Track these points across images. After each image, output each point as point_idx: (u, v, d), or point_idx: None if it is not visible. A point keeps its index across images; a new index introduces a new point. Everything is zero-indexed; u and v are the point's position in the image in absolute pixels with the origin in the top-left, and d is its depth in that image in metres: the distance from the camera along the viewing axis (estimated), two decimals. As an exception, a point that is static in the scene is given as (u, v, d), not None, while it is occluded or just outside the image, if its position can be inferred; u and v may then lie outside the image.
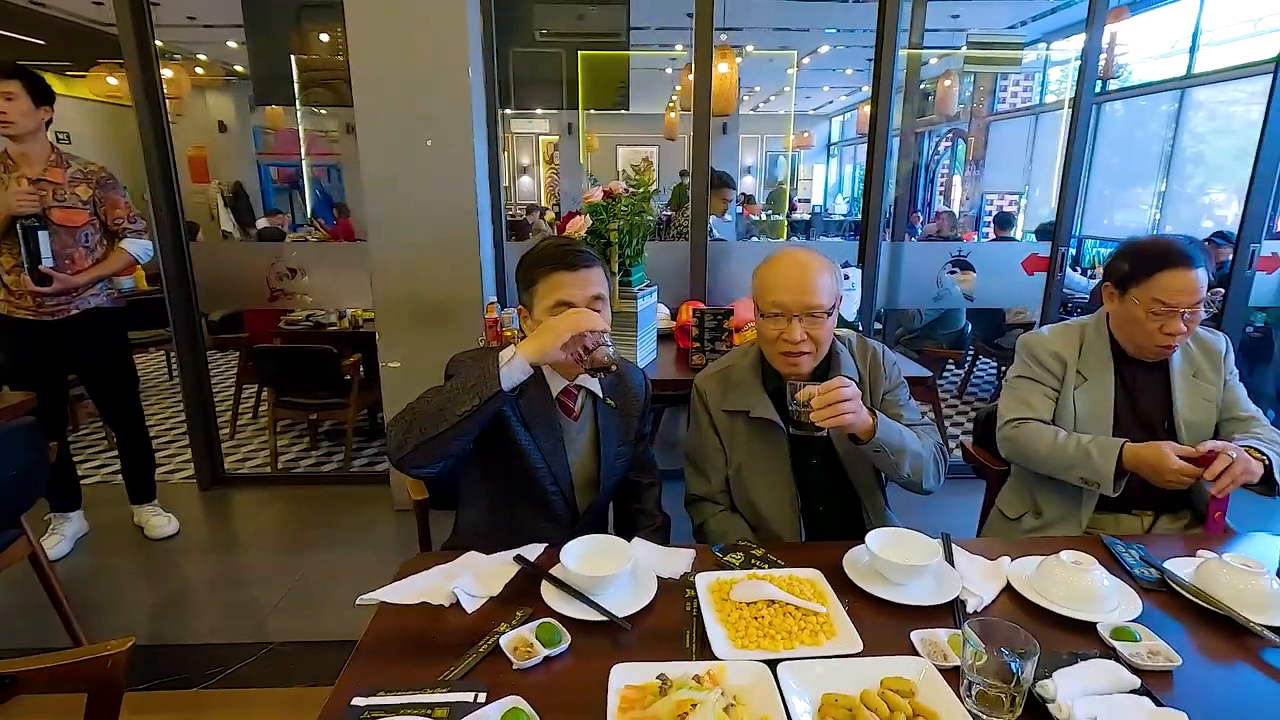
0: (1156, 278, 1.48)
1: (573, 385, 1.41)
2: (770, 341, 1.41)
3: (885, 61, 3.02)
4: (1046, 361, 1.65)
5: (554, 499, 1.41)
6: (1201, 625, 1.06)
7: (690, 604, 1.09)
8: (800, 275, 1.37)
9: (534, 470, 1.37)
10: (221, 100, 9.86)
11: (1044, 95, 8.29)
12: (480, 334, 2.86)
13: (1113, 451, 1.47)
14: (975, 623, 0.88)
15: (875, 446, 1.31)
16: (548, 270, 1.30)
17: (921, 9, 3.49)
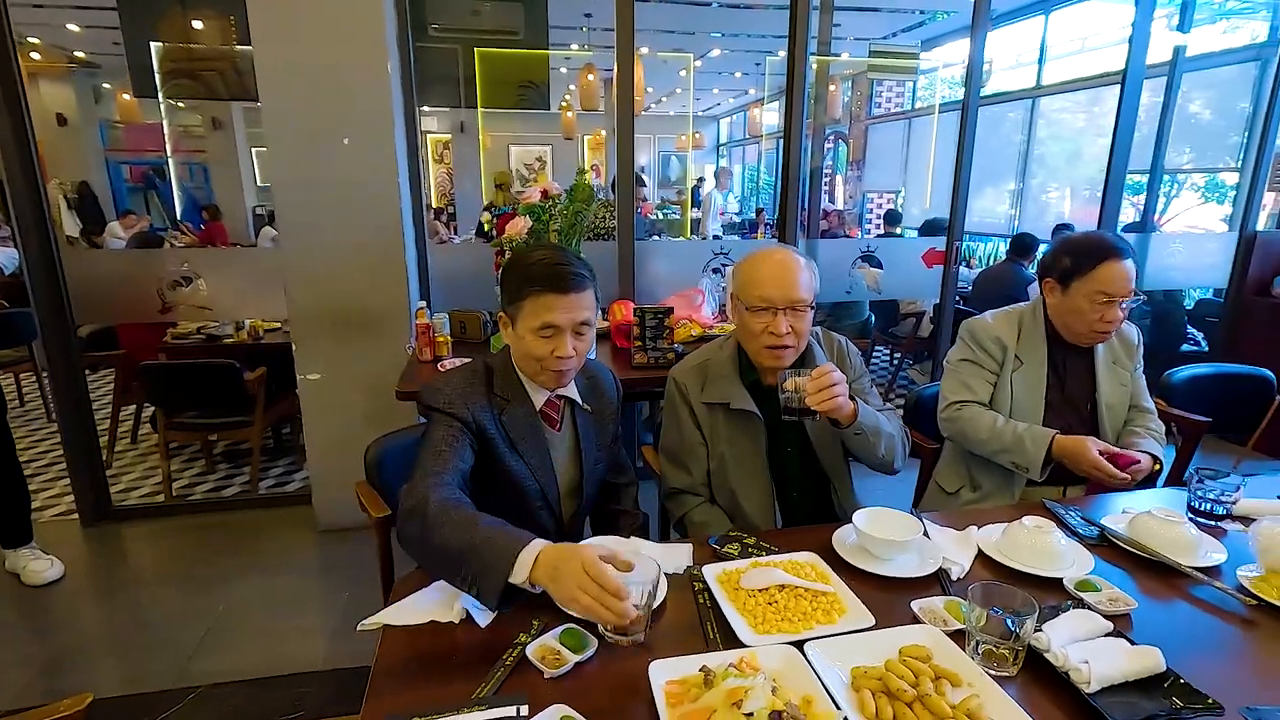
0: (1098, 269, 1.63)
1: (555, 396, 1.39)
2: (754, 335, 1.45)
3: (798, 66, 3.17)
4: (988, 345, 1.79)
5: (540, 512, 1.39)
6: (1140, 571, 1.21)
7: (702, 596, 1.11)
8: (784, 271, 1.44)
9: (525, 490, 1.35)
10: (59, 90, 8.80)
11: (914, 101, 8.97)
12: (409, 342, 2.75)
13: (1044, 442, 1.64)
14: (977, 588, 0.97)
15: (857, 430, 1.40)
16: (538, 290, 1.25)
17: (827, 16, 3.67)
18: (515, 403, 1.33)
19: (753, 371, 1.53)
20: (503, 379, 1.34)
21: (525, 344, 1.29)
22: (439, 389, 1.30)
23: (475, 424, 1.28)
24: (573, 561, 0.95)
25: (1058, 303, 1.74)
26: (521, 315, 1.28)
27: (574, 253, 1.33)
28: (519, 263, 1.30)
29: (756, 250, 1.50)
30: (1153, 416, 1.82)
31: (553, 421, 1.40)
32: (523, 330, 1.28)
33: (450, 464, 1.20)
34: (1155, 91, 6.28)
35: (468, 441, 1.26)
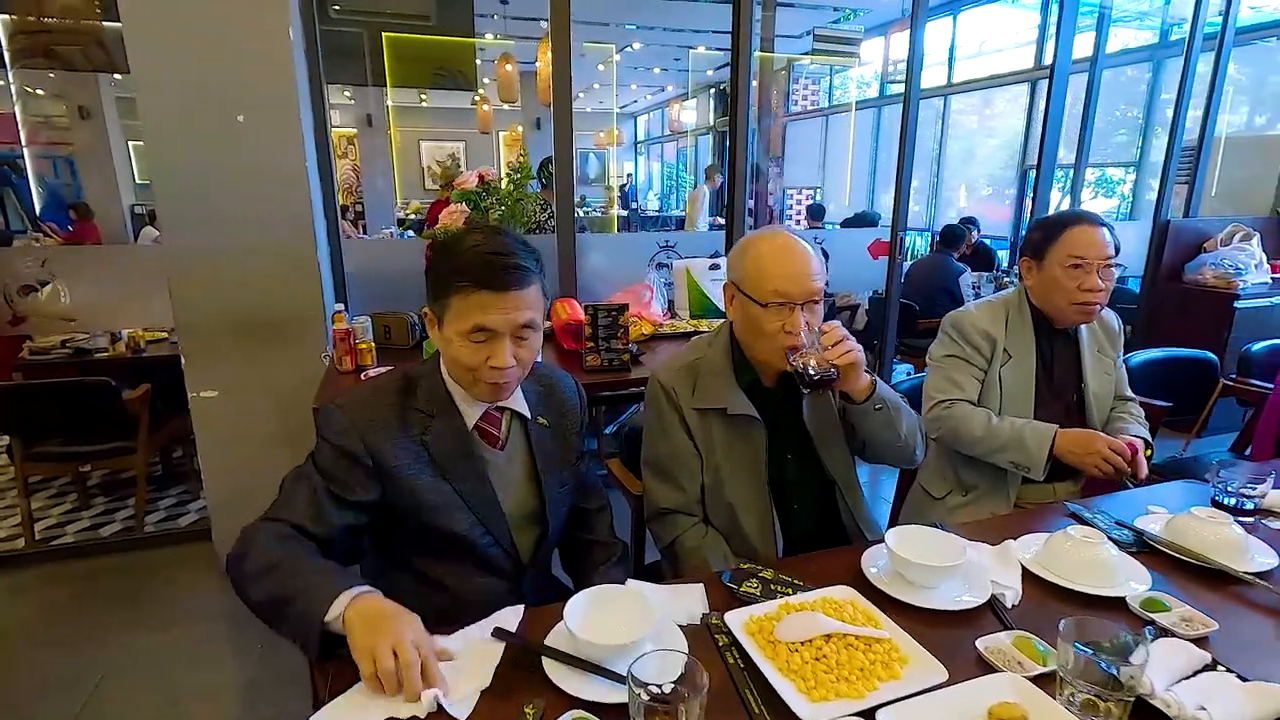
0: (1066, 234, 1.59)
1: (494, 409, 1.16)
2: (768, 335, 1.26)
3: (742, 60, 3.04)
4: (976, 340, 1.68)
5: (490, 551, 1.15)
6: (1185, 579, 1.09)
7: (731, 653, 0.91)
8: (801, 261, 1.25)
9: (457, 523, 1.11)
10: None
11: (831, 99, 9.12)
12: (325, 350, 2.41)
13: (1046, 438, 1.54)
14: (1069, 624, 0.81)
15: (877, 402, 1.27)
16: (468, 286, 1.02)
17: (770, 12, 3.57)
18: (442, 418, 1.11)
19: (749, 371, 1.35)
20: (427, 390, 1.12)
21: (454, 349, 1.06)
22: (332, 412, 1.08)
23: (373, 459, 1.05)
24: (398, 621, 0.85)
25: (1036, 281, 1.67)
26: (449, 315, 1.04)
27: (518, 237, 1.09)
28: (449, 249, 1.06)
29: (758, 237, 1.30)
30: (1135, 405, 1.77)
31: (492, 439, 1.16)
32: (451, 333, 1.05)
33: (303, 515, 1.01)
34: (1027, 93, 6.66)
35: (355, 484, 1.05)
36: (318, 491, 1.03)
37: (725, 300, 1.34)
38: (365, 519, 1.08)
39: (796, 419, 1.36)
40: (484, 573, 1.16)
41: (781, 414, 1.35)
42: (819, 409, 1.36)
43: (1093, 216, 1.59)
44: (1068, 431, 1.55)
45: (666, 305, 2.97)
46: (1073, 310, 1.62)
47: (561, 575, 1.38)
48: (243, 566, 0.94)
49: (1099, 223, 1.58)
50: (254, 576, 0.92)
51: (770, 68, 5.68)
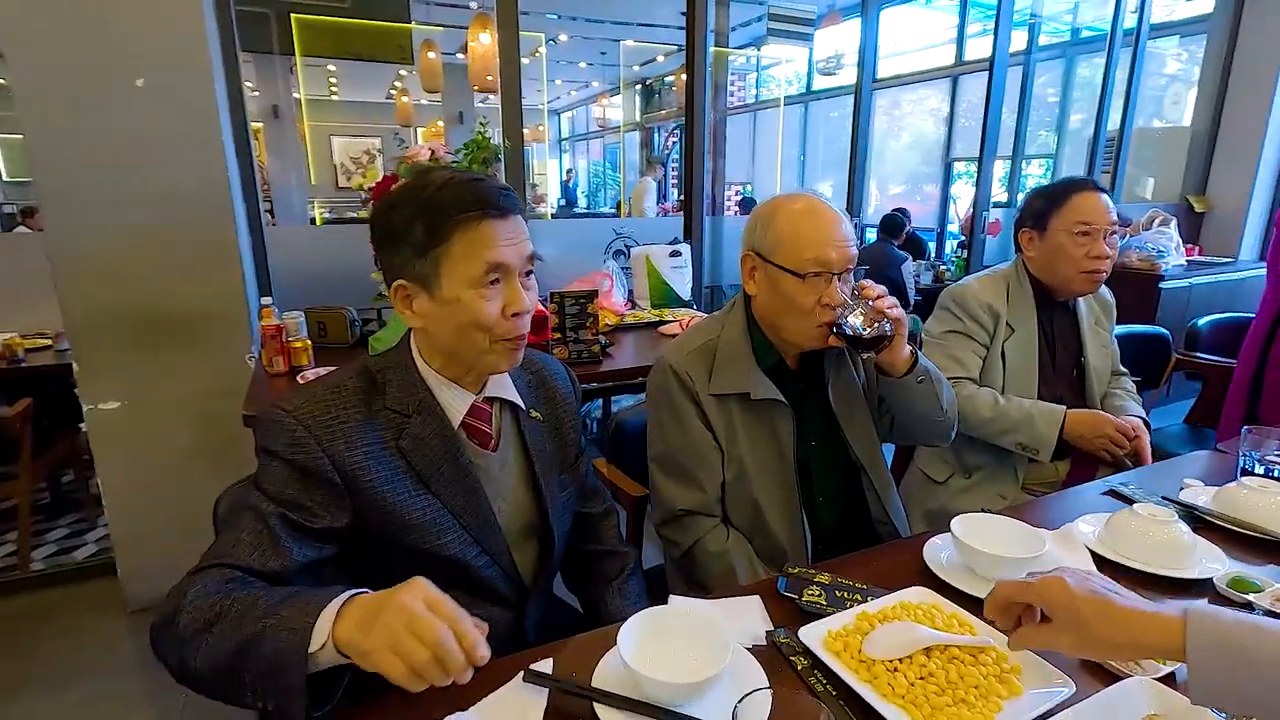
0: (1071, 201, 1.53)
1: (481, 401, 0.97)
2: (805, 311, 1.11)
3: (697, 53, 2.94)
4: (978, 314, 1.60)
5: (486, 574, 0.95)
6: (1247, 553, 1.03)
7: (815, 676, 0.76)
8: (837, 224, 1.12)
9: (448, 545, 0.91)
10: None
11: (760, 95, 9.19)
12: (250, 351, 2.11)
13: (1057, 419, 1.50)
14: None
15: (919, 375, 1.17)
16: (470, 219, 0.83)
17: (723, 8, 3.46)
18: (421, 417, 0.90)
19: (771, 352, 1.21)
20: (399, 385, 0.91)
21: (462, 311, 0.85)
22: (279, 420, 0.84)
23: (341, 475, 0.84)
24: (397, 597, 0.65)
25: (1039, 252, 1.60)
26: (447, 266, 0.84)
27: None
28: (415, 195, 0.85)
29: (784, 201, 1.15)
30: (1128, 379, 1.75)
31: (484, 438, 0.96)
32: (455, 290, 0.85)
33: (249, 553, 0.78)
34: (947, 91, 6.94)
35: (319, 508, 0.83)
36: (268, 520, 0.80)
37: (744, 274, 1.19)
38: (331, 550, 0.86)
39: (822, 402, 1.23)
40: (479, 602, 0.97)
41: (805, 397, 1.23)
42: (845, 390, 1.25)
43: (1095, 183, 1.54)
44: (1076, 412, 1.51)
45: (627, 295, 2.81)
46: (1081, 279, 1.56)
47: (564, 594, 1.20)
48: (175, 630, 0.71)
49: (1101, 189, 1.54)
50: (192, 637, 0.70)
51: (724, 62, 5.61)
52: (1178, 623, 0.56)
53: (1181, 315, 3.78)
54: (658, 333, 2.49)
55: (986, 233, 3.76)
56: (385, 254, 0.89)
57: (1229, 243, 4.34)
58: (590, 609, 1.12)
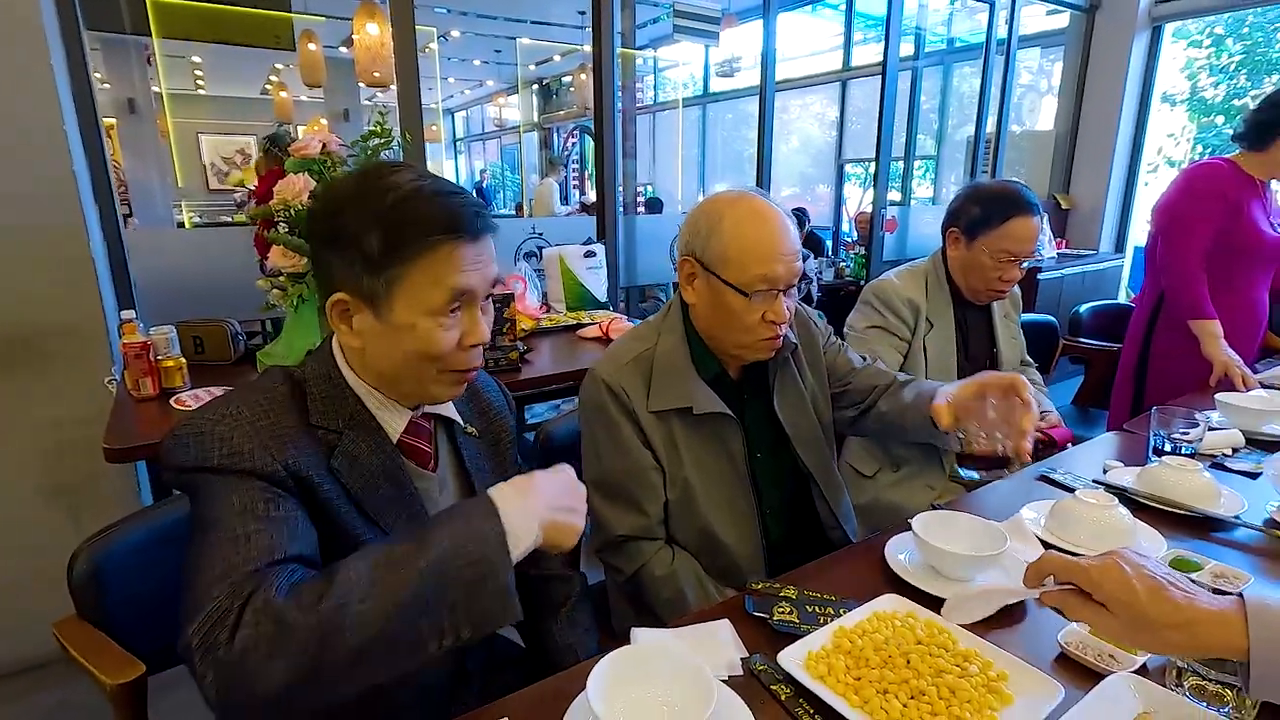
0: (1008, 225, 1.52)
1: (420, 417, 0.86)
2: (748, 327, 1.04)
3: (605, 50, 2.85)
4: (900, 310, 1.62)
5: None
6: (1172, 530, 1.07)
7: (803, 709, 0.70)
8: (785, 235, 1.04)
9: None
10: None
11: (659, 96, 9.25)
12: (110, 372, 1.84)
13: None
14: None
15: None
16: (439, 241, 0.72)
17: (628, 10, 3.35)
18: (354, 434, 0.78)
19: (712, 362, 1.13)
20: (326, 399, 0.79)
21: (415, 337, 0.75)
22: (207, 432, 0.71)
23: (298, 482, 0.72)
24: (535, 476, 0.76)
25: (960, 256, 1.63)
26: (405, 288, 0.73)
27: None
28: (373, 199, 0.73)
29: (727, 204, 1.05)
30: (1034, 370, 1.83)
31: (424, 458, 0.86)
32: (409, 314, 0.74)
33: (275, 545, 0.66)
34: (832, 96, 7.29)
35: (294, 507, 0.71)
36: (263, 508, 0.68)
37: (681, 279, 1.11)
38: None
39: (766, 411, 1.17)
40: None
41: (750, 407, 1.16)
42: (791, 397, 1.19)
43: (1033, 206, 1.54)
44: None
45: (541, 298, 2.69)
46: (986, 294, 1.63)
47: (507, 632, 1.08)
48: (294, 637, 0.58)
49: (1036, 212, 1.55)
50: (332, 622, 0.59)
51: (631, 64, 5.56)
52: (1236, 616, 0.54)
53: (1057, 304, 4.10)
54: (576, 336, 2.39)
55: (884, 229, 3.91)
56: (324, 259, 0.76)
57: (1091, 236, 4.76)
58: (535, 641, 1.02)
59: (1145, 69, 4.55)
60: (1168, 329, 2.00)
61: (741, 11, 6.12)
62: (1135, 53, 4.45)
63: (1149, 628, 0.56)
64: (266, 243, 1.61)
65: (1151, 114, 4.66)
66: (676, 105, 8.63)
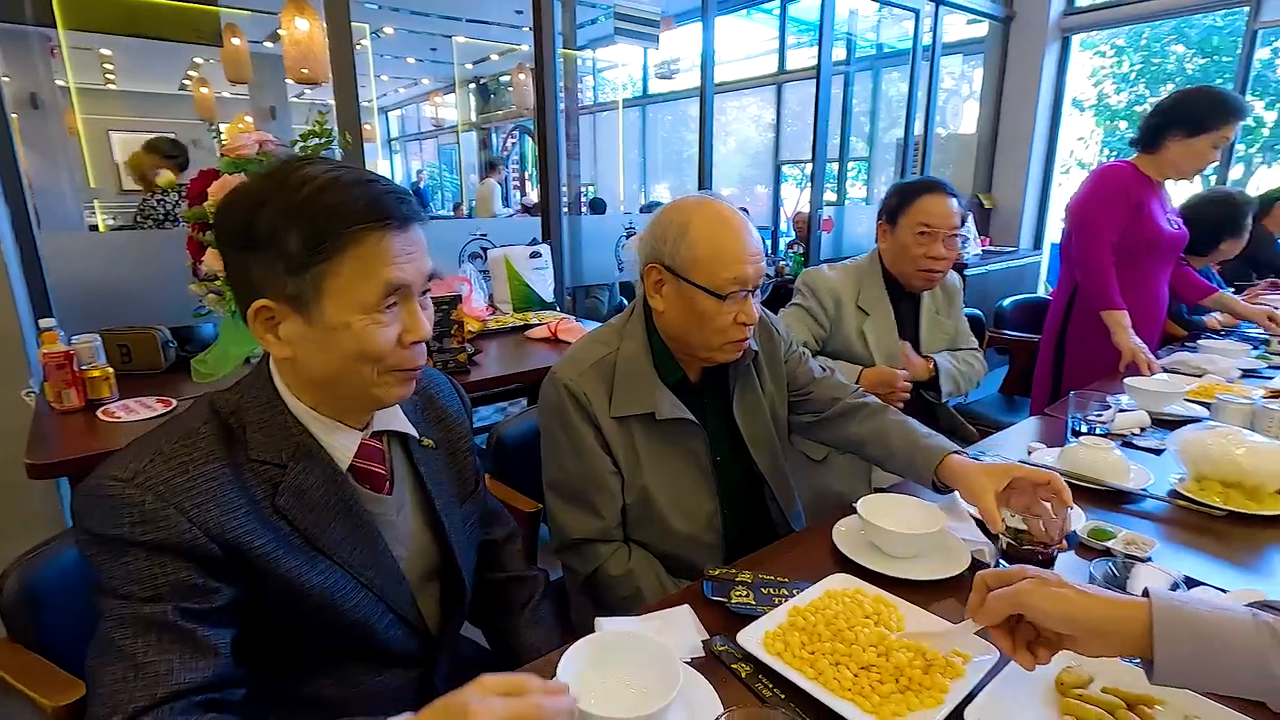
0: (918, 202, 1.66)
1: (371, 437, 0.82)
2: (720, 330, 1.06)
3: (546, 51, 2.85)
4: (823, 297, 1.73)
5: (391, 634, 0.82)
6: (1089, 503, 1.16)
7: (763, 684, 0.73)
8: (750, 236, 1.06)
9: (350, 611, 0.77)
10: None
11: (598, 97, 9.26)
12: (27, 385, 1.74)
13: (854, 374, 1.65)
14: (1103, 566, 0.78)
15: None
16: (368, 229, 0.69)
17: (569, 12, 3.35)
18: (301, 466, 0.74)
19: (674, 368, 1.14)
20: (264, 429, 0.74)
21: (350, 337, 0.71)
22: (114, 491, 0.65)
23: (222, 546, 0.67)
24: (470, 689, 0.56)
25: (889, 245, 1.75)
26: (334, 285, 0.69)
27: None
28: (286, 193, 0.69)
29: (693, 209, 1.06)
30: (969, 351, 1.92)
31: (378, 481, 0.83)
32: (341, 313, 0.70)
33: (174, 671, 0.62)
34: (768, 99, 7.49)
35: (212, 583, 0.67)
36: (165, 620, 0.63)
37: (648, 287, 1.11)
38: (238, 626, 0.70)
39: (725, 416, 1.20)
40: (380, 667, 0.84)
41: (709, 412, 1.18)
42: (748, 402, 1.22)
43: (944, 185, 1.68)
44: (871, 369, 1.66)
45: (488, 299, 2.67)
46: (919, 276, 1.72)
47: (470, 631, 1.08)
48: None
49: (949, 192, 1.67)
50: None
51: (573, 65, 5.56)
52: (1142, 610, 0.59)
53: (983, 298, 4.32)
54: (524, 337, 2.39)
55: (821, 229, 4.04)
56: (240, 264, 0.71)
57: (1012, 234, 5.03)
58: (500, 642, 1.03)
59: (1057, 76, 4.84)
60: (1081, 320, 2.14)
61: (679, 14, 6.21)
62: (1047, 61, 4.73)
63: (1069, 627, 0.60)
64: (201, 246, 1.56)
65: (1063, 119, 4.96)
66: (616, 106, 8.65)
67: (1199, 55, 6.98)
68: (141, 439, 0.71)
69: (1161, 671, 0.58)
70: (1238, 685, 0.58)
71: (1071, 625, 0.60)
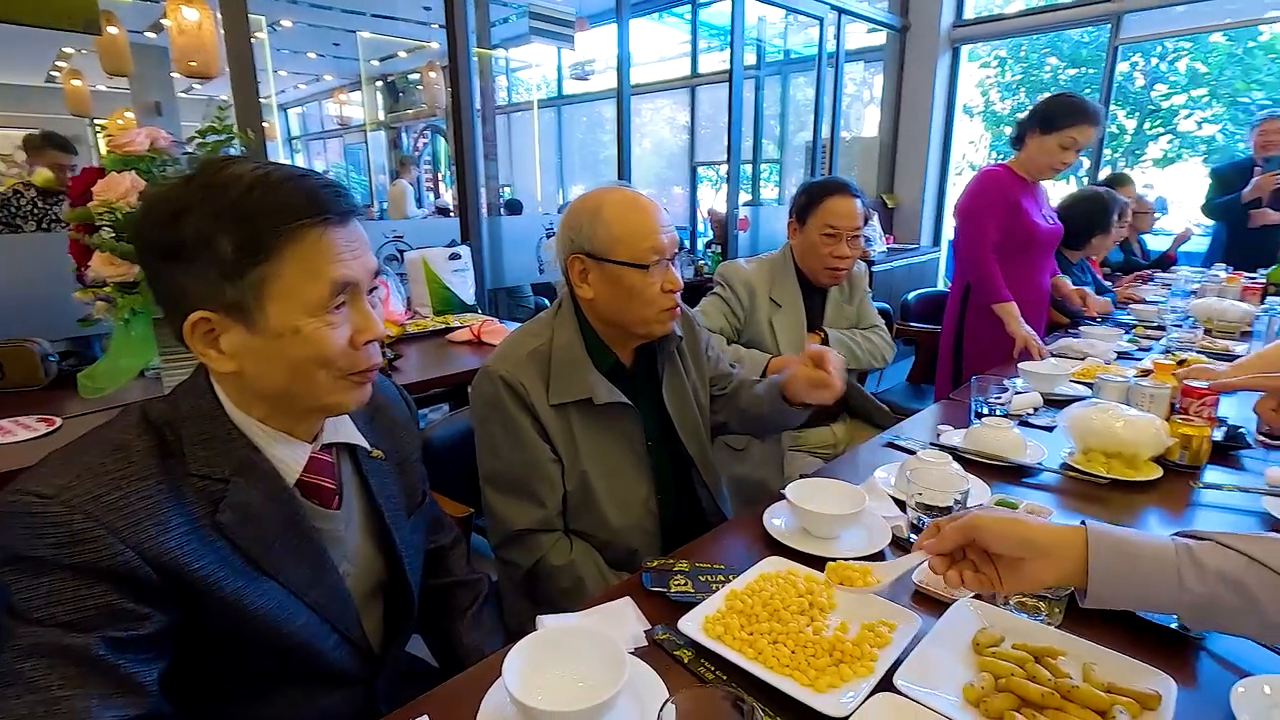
0: (825, 203, 1.75)
1: (320, 452, 0.79)
2: (651, 300, 1.11)
3: (460, 50, 2.79)
4: (737, 288, 1.81)
5: (335, 655, 0.79)
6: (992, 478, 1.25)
7: (705, 667, 0.75)
8: (658, 211, 1.13)
9: (294, 633, 0.73)
10: None
11: (512, 97, 9.14)
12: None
13: (761, 361, 1.73)
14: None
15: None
16: (307, 225, 0.66)
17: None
18: (244, 481, 0.70)
19: (607, 354, 1.18)
20: (208, 442, 0.70)
21: (301, 342, 0.68)
22: (38, 509, 0.60)
23: (156, 568, 0.63)
24: None
25: (799, 242, 1.84)
26: (277, 289, 0.66)
27: None
28: (212, 196, 0.65)
29: (602, 196, 1.12)
30: (873, 330, 2.01)
31: (327, 496, 0.79)
32: (288, 317, 0.67)
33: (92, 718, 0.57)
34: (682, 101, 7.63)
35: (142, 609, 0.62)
36: (89, 654, 0.58)
37: (573, 277, 1.14)
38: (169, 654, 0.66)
39: (656, 400, 1.23)
40: (321, 688, 0.80)
41: (641, 396, 1.21)
42: (676, 386, 1.26)
43: (850, 187, 1.77)
44: (778, 359, 1.74)
45: (406, 302, 2.60)
46: (825, 274, 1.82)
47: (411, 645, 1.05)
48: None
49: (853, 193, 1.77)
50: None
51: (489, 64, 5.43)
52: (1080, 534, 0.66)
53: (890, 293, 4.56)
54: (446, 340, 2.34)
55: (738, 228, 4.15)
56: (169, 277, 0.67)
57: (913, 231, 5.33)
58: (443, 647, 1.00)
59: (949, 84, 5.17)
60: (975, 311, 2.30)
61: (593, 16, 6.21)
62: (940, 70, 5.05)
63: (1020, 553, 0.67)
64: (86, 249, 1.44)
65: (956, 124, 5.31)
66: (531, 107, 8.57)
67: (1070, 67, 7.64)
68: (62, 452, 0.66)
69: (1094, 590, 0.65)
70: (1155, 601, 0.66)
71: (1024, 546, 0.67)
